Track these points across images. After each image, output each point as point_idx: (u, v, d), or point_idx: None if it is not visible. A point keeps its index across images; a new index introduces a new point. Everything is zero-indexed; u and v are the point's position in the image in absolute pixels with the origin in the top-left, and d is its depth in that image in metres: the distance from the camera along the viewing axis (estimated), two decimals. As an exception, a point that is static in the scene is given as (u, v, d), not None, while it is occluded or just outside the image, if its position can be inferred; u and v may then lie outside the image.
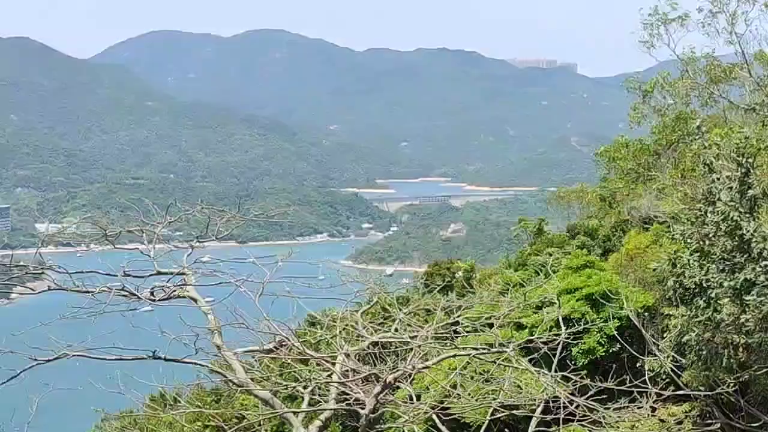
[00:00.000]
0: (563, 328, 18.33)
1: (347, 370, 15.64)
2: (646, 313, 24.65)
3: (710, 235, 18.59)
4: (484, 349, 17.19)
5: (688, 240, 19.59)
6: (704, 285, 19.00)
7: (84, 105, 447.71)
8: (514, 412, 17.54)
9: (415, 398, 17.07)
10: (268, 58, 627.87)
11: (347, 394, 15.30)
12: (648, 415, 19.66)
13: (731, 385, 19.47)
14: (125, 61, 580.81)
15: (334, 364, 15.80)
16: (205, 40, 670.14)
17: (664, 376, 21.51)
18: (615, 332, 24.34)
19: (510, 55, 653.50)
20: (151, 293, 15.60)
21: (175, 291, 15.80)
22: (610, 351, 24.95)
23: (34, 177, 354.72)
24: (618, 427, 18.97)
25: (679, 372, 21.61)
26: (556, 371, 17.56)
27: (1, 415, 16.24)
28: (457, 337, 18.56)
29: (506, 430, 19.47)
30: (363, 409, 14.55)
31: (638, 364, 22.26)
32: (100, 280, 15.37)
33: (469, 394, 17.34)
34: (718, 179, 18.34)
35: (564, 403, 16.98)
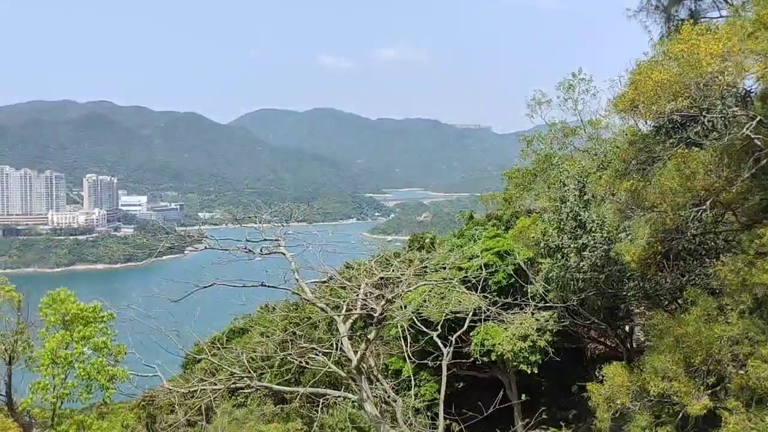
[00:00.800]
0: (484, 269, 25.86)
1: (367, 292, 22.30)
2: (528, 262, 30.97)
3: (563, 219, 26.50)
4: (441, 281, 24.10)
5: (551, 222, 27.51)
6: (560, 246, 26.88)
7: (224, 149, 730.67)
8: (457, 315, 24.57)
9: (403, 307, 23.48)
10: (324, 124, 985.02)
11: (366, 305, 21.94)
12: (530, 316, 28.75)
13: (574, 300, 27.35)
14: (246, 124, 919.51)
15: (359, 288, 22.53)
16: (290, 113, 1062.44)
17: (538, 297, 29.00)
18: (512, 272, 30.68)
19: (455, 121, 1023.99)
20: (260, 251, 22.63)
21: (273, 250, 22.77)
22: (510, 282, 30.76)
23: (197, 188, 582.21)
24: (513, 323, 28.93)
25: (546, 294, 28.76)
26: (479, 293, 24.93)
27: (178, 317, 21.80)
28: (426, 274, 23.99)
29: (453, 324, 25.15)
30: (375, 313, 21.10)
31: (524, 289, 29.81)
32: (233, 244, 22.15)
33: (433, 305, 25.03)
34: (567, 189, 26.29)
35: (484, 310, 25.24)
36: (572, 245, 26.73)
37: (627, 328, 31.28)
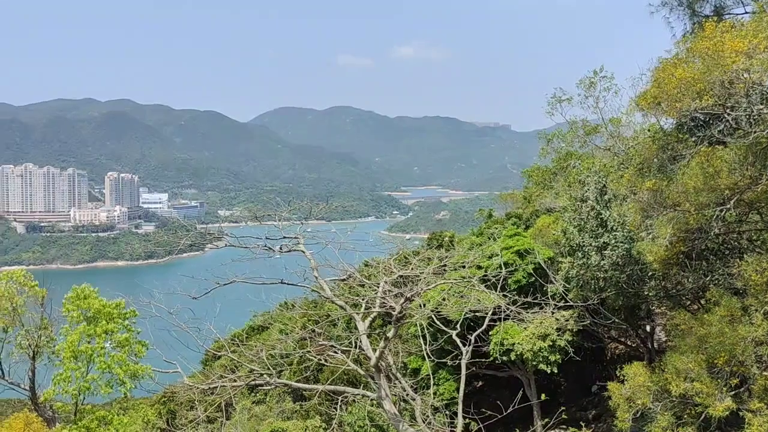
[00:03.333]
0: (503, 268, 25.16)
1: (385, 290, 21.94)
2: (548, 261, 30.77)
3: (584, 218, 26.08)
4: (460, 279, 24.02)
5: (572, 221, 26.98)
6: (581, 245, 26.37)
7: (243, 147, 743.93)
8: (476, 313, 24.40)
9: (422, 306, 22.78)
10: (342, 122, 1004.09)
11: (385, 304, 21.72)
12: (550, 316, 28.46)
13: (595, 299, 26.99)
14: (265, 122, 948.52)
15: (378, 286, 22.20)
16: (309, 111, 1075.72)
17: (558, 296, 28.59)
18: (531, 271, 30.54)
19: (474, 119, 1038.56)
20: (280, 248, 22.63)
21: (293, 247, 22.71)
22: (530, 281, 30.63)
23: (217, 185, 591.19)
24: (532, 322, 28.76)
25: (566, 293, 28.35)
26: (499, 292, 23.73)
27: (198, 313, 21.62)
28: (445, 272, 23.87)
29: (472, 323, 25.44)
30: (394, 311, 20.88)
31: (544, 288, 29.46)
32: (252, 241, 22.28)
33: (452, 304, 24.19)
34: (588, 187, 25.96)
35: (503, 309, 24.02)
36: (593, 244, 26.39)
37: (648, 327, 30.96)
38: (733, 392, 18.41)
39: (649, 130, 27.14)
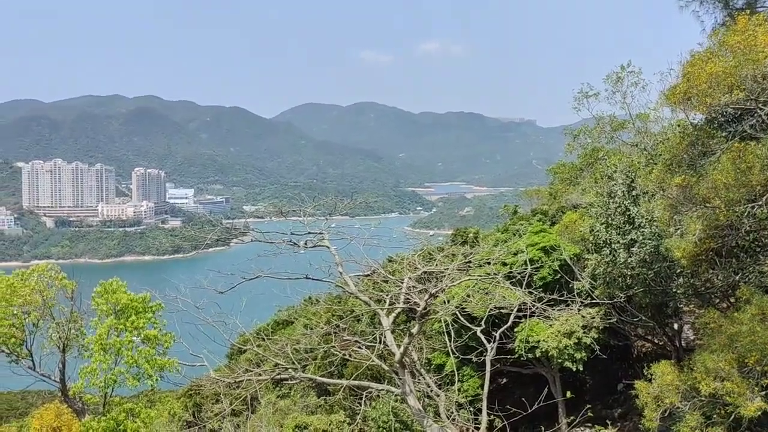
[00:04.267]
0: (528, 265, 25.08)
1: (410, 286, 21.88)
2: (574, 257, 30.51)
3: (611, 215, 25.70)
4: (485, 276, 24.09)
5: (599, 217, 26.62)
6: (608, 242, 26.07)
7: (267, 143, 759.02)
8: (501, 310, 23.92)
9: (446, 302, 22.96)
10: (366, 117, 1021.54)
11: (409, 299, 21.65)
12: (576, 313, 28.19)
13: (621, 297, 26.63)
14: (290, 118, 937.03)
15: (402, 282, 22.11)
16: (332, 107, 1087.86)
17: (584, 293, 28.09)
18: (557, 268, 30.24)
19: (498, 114, 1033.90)
20: (305, 244, 22.56)
21: (317, 243, 22.71)
22: (555, 278, 30.15)
23: (242, 181, 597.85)
24: (558, 319, 28.53)
25: (592, 290, 27.99)
26: (524, 289, 23.85)
27: (224, 308, 21.76)
28: (470, 269, 23.78)
29: (496, 320, 24.90)
30: (418, 307, 20.85)
31: (570, 285, 29.04)
32: (278, 236, 22.26)
33: (476, 301, 24.49)
34: (615, 183, 25.59)
35: (528, 306, 24.42)
36: (620, 241, 26.04)
37: (675, 326, 30.42)
38: (764, 392, 18.08)
39: (678, 126, 26.70)
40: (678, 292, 25.54)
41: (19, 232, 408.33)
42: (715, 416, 18.70)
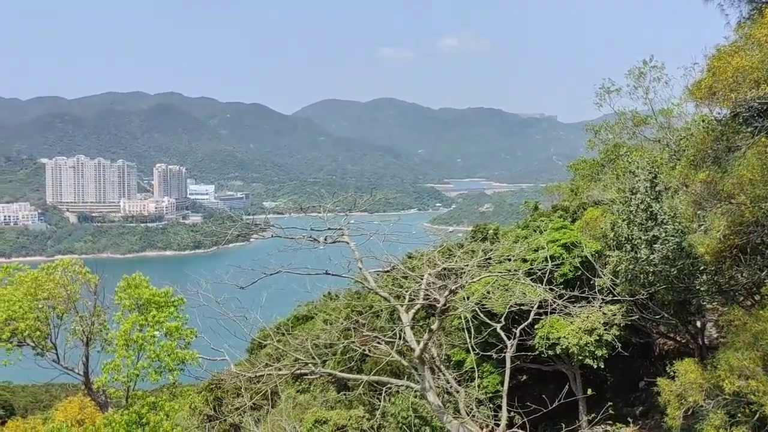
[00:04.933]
0: (549, 262, 25.04)
1: (429, 282, 21.80)
2: (596, 254, 30.25)
3: (633, 211, 25.57)
4: (505, 272, 24.06)
5: (621, 213, 26.57)
6: (630, 238, 25.95)
7: (287, 139, 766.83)
8: (521, 307, 23.78)
9: (466, 298, 23.90)
10: (385, 113, 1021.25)
11: (429, 296, 21.50)
12: (597, 310, 28.02)
13: (643, 294, 26.44)
14: (309, 115, 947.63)
15: (422, 278, 22.02)
16: (351, 103, 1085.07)
17: (605, 290, 27.95)
18: (578, 264, 30.16)
19: (518, 110, 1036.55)
20: (325, 239, 22.37)
21: (337, 238, 22.45)
22: (576, 275, 30.06)
23: (262, 177, 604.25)
24: (579, 316, 28.34)
25: (614, 287, 27.74)
26: (545, 286, 23.97)
27: (245, 303, 21.96)
28: (490, 265, 23.32)
29: (517, 317, 24.78)
30: (438, 304, 20.75)
31: (591, 282, 28.70)
32: (298, 232, 22.16)
33: (497, 297, 24.51)
34: (638, 180, 25.49)
35: (549, 303, 24.47)
36: (642, 237, 25.84)
37: (698, 323, 30.08)
38: (789, 391, 17.76)
39: (702, 121, 26.29)
40: (701, 289, 25.21)
41: (43, 228, 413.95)
42: (739, 415, 18.46)
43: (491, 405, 26.66)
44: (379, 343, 23.37)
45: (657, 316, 28.00)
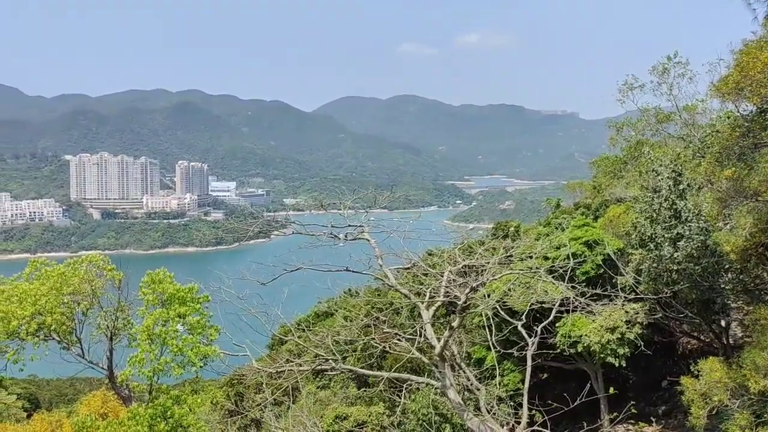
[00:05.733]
0: (571, 259, 24.83)
1: (450, 280, 21.99)
2: (618, 252, 29.89)
3: (656, 209, 25.05)
4: (527, 270, 23.46)
5: (644, 212, 26.03)
6: (653, 237, 25.46)
7: (307, 136, 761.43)
8: (543, 305, 24.00)
9: (487, 296, 23.37)
10: (405, 110, 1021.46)
11: (450, 293, 21.64)
12: (620, 308, 27.54)
13: (667, 292, 26.10)
14: (329, 112, 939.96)
15: (442, 275, 22.13)
16: (372, 101, 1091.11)
17: (628, 288, 27.72)
18: (600, 262, 29.64)
19: (540, 107, 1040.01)
20: (345, 236, 22.56)
21: (357, 235, 22.71)
22: (598, 273, 29.49)
23: (282, 174, 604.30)
24: (601, 314, 28.06)
25: (637, 285, 27.48)
26: (566, 283, 23.74)
27: (266, 299, 22.06)
28: (511, 263, 23.49)
29: (538, 315, 24.79)
30: (459, 301, 20.82)
31: (614, 280, 28.44)
32: (318, 229, 22.46)
33: (518, 295, 24.51)
34: (661, 177, 24.90)
35: (571, 301, 24.45)
36: (666, 235, 25.42)
37: (723, 322, 29.64)
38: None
39: (728, 117, 25.91)
40: (726, 287, 24.94)
41: (67, 224, 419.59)
42: (765, 415, 18.22)
43: (512, 403, 26.56)
44: (399, 340, 23.46)
45: (680, 315, 27.42)
